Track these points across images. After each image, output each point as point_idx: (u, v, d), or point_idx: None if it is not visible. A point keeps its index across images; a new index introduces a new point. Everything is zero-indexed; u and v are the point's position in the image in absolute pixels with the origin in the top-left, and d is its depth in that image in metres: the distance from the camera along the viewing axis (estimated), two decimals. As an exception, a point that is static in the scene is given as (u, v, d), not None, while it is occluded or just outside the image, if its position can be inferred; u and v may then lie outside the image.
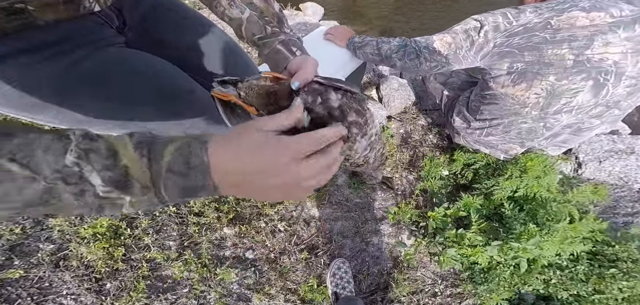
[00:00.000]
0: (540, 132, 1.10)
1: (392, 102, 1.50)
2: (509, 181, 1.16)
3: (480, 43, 0.96)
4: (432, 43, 1.01)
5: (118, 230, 0.92)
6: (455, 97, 1.36)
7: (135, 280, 0.84)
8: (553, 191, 1.13)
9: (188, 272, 0.90)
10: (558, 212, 1.06)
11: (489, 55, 0.98)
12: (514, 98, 1.02)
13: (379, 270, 1.13)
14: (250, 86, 0.45)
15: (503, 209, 1.13)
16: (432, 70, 1.06)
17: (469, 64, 1.02)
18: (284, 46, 0.50)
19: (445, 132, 1.54)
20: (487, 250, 1.06)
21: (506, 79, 0.99)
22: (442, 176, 1.35)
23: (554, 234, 0.99)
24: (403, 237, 1.25)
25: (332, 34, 1.20)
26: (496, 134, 1.17)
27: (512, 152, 1.22)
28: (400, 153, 1.42)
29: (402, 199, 1.33)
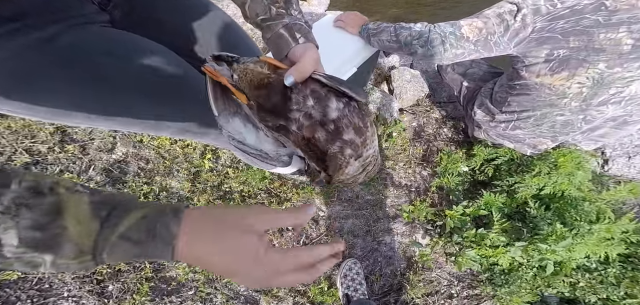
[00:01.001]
0: (577, 125, 0.98)
1: (405, 94, 1.39)
2: (536, 178, 1.05)
3: (516, 28, 0.85)
4: (459, 28, 0.90)
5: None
6: (476, 88, 1.24)
7: (138, 282, 0.79)
8: (584, 190, 1.04)
9: (193, 274, 0.84)
10: (590, 212, 0.96)
11: (525, 42, 0.87)
12: (551, 88, 0.91)
13: (392, 271, 1.04)
14: (244, 70, 0.40)
15: (527, 208, 1.04)
16: (457, 59, 0.95)
17: (501, 52, 0.91)
18: (287, 31, 0.43)
19: (460, 126, 1.42)
20: (510, 251, 0.97)
21: (543, 67, 0.88)
22: (460, 172, 1.24)
23: (589, 235, 0.90)
24: (418, 237, 1.15)
25: (343, 21, 1.09)
26: (525, 128, 1.06)
27: (542, 146, 1.11)
28: (413, 147, 1.32)
29: (417, 196, 1.23)
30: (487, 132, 1.20)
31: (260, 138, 0.44)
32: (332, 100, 0.39)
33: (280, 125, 0.40)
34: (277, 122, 0.40)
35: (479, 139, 1.28)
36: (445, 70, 1.32)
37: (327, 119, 0.38)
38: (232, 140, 0.41)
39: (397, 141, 1.30)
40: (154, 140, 1.01)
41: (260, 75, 0.40)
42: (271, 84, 0.39)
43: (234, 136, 0.41)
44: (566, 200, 1.02)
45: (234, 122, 0.42)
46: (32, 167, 0.84)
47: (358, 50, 1.06)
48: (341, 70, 0.99)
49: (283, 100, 0.39)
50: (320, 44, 0.47)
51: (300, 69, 0.39)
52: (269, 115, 0.40)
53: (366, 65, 1.14)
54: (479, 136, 1.27)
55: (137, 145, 1.00)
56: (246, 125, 0.43)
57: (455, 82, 1.31)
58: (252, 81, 0.40)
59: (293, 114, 0.39)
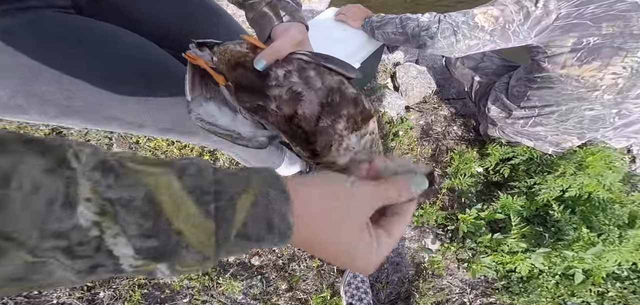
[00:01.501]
0: (609, 120, 0.89)
1: (411, 91, 1.31)
2: (560, 179, 0.95)
3: (538, 15, 0.77)
4: (473, 17, 0.83)
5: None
6: (490, 83, 1.15)
7: (130, 289, 0.75)
8: (615, 191, 0.94)
9: (188, 281, 0.79)
10: (622, 216, 0.87)
11: (548, 30, 0.78)
12: (580, 80, 0.82)
13: (399, 279, 0.96)
14: (224, 51, 0.39)
15: (550, 212, 0.94)
16: (470, 51, 0.87)
17: (520, 42, 0.83)
18: (271, 8, 0.40)
19: (471, 123, 1.32)
20: (531, 257, 0.88)
21: (570, 57, 0.80)
22: (473, 173, 1.14)
23: (622, 242, 0.82)
24: (427, 242, 1.06)
25: (344, 14, 1.03)
26: (547, 124, 0.97)
27: (566, 144, 1.01)
28: (421, 147, 1.23)
29: (426, 198, 1.14)
30: (502, 129, 1.11)
31: (238, 121, 0.40)
32: (317, 73, 0.35)
33: (258, 105, 0.36)
34: (255, 102, 0.37)
35: (492, 137, 1.19)
36: (455, 64, 1.23)
37: (312, 92, 0.34)
38: (201, 122, 0.38)
39: (403, 140, 1.21)
40: (151, 141, 0.98)
41: (238, 54, 0.38)
42: (248, 62, 0.37)
43: (203, 117, 0.38)
44: (593, 202, 0.92)
45: (208, 105, 0.40)
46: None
47: (361, 44, 1.00)
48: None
49: (260, 77, 0.36)
50: (321, 40, 0.44)
51: (273, 51, 0.35)
52: (246, 95, 0.38)
53: (370, 61, 1.07)
54: (493, 134, 1.18)
55: (134, 146, 0.97)
56: (221, 108, 0.40)
57: (465, 77, 1.22)
58: (230, 61, 0.38)
59: (271, 91, 0.36)
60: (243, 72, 0.37)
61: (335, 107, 0.34)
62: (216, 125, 0.39)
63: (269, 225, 0.20)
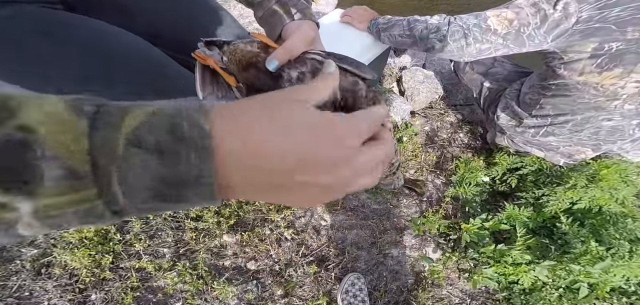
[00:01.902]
0: (629, 131, 0.83)
1: (417, 96, 1.25)
2: (570, 192, 0.90)
3: (556, 19, 0.71)
4: (485, 20, 0.78)
5: (107, 234, 0.81)
6: (500, 89, 1.09)
7: (123, 291, 0.72)
8: (628, 206, 0.89)
9: (182, 284, 0.77)
10: (634, 231, 0.83)
11: (567, 35, 0.73)
12: (599, 88, 0.76)
13: (398, 287, 0.93)
14: (234, 51, 0.37)
15: (557, 224, 0.90)
16: (481, 55, 0.82)
17: (535, 47, 0.78)
18: (281, 6, 0.39)
19: (478, 131, 1.26)
20: (535, 270, 0.85)
21: (589, 63, 0.74)
22: (478, 182, 1.08)
23: (634, 256, 0.79)
24: (428, 251, 1.02)
25: (350, 15, 0.99)
26: (560, 134, 0.91)
27: (579, 156, 0.96)
28: (425, 153, 1.18)
29: (428, 206, 1.09)
30: (511, 138, 1.06)
31: None
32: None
33: None
34: None
35: (500, 145, 1.13)
36: (463, 69, 1.17)
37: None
38: None
39: (407, 146, 1.16)
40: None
41: (249, 54, 0.36)
42: (260, 62, 0.35)
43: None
44: (604, 216, 0.87)
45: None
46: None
47: (366, 47, 0.95)
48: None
49: (272, 78, 0.35)
50: (325, 42, 0.41)
51: (286, 50, 0.33)
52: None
53: (375, 64, 1.02)
54: (501, 143, 1.13)
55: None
56: None
57: (474, 83, 1.16)
58: (241, 61, 0.36)
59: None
60: (255, 72, 0.35)
61: (349, 109, 0.31)
62: None
63: (172, 130, 0.15)
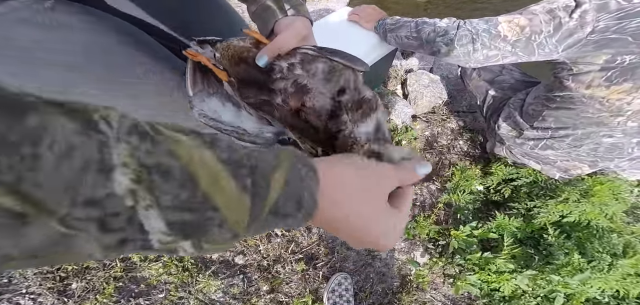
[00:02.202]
0: (628, 150, 0.82)
1: (420, 99, 1.20)
2: (561, 205, 0.91)
3: (571, 27, 0.67)
4: (496, 26, 0.73)
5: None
6: (504, 98, 1.05)
7: (105, 281, 0.70)
8: (616, 221, 0.90)
9: (167, 276, 0.75)
10: (617, 246, 0.85)
11: (580, 45, 0.69)
12: (604, 103, 0.73)
13: (383, 289, 0.93)
14: (227, 47, 0.38)
15: (545, 234, 0.91)
16: (488, 62, 0.78)
17: (544, 56, 0.74)
18: (275, 2, 0.39)
19: (478, 139, 1.22)
20: (516, 278, 0.86)
21: (598, 76, 0.71)
22: (473, 191, 1.07)
23: (611, 270, 0.80)
24: (416, 254, 1.02)
25: (357, 14, 0.94)
26: (559, 148, 0.89)
27: (575, 171, 0.95)
28: (422, 158, 1.14)
29: (421, 210, 1.08)
30: (510, 149, 1.03)
31: (242, 117, 0.38)
32: (319, 63, 0.34)
33: (263, 100, 0.36)
34: (259, 97, 0.36)
35: (499, 156, 1.11)
36: (470, 75, 1.11)
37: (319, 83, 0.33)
38: (204, 118, 0.36)
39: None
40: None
41: (241, 49, 0.36)
42: (251, 57, 0.36)
43: (206, 113, 0.36)
44: (591, 230, 0.89)
45: (211, 101, 0.38)
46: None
47: (371, 47, 0.91)
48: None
49: (264, 72, 0.35)
50: (329, 39, 0.43)
51: (275, 47, 0.34)
52: (250, 90, 0.37)
53: (379, 65, 0.96)
54: (499, 153, 1.10)
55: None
56: (225, 104, 0.38)
57: (479, 90, 1.12)
58: (233, 56, 0.37)
59: (276, 85, 0.35)
60: (246, 67, 0.36)
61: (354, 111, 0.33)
62: (220, 121, 0.36)
63: (298, 203, 0.19)
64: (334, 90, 0.33)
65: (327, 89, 0.33)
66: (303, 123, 0.34)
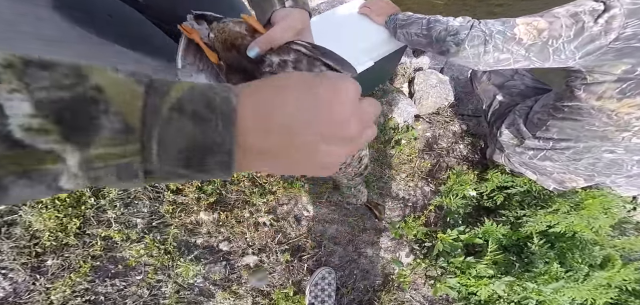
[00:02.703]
0: (627, 167, 0.79)
1: (425, 99, 1.12)
2: (551, 215, 0.90)
3: (594, 33, 0.62)
4: (512, 28, 0.67)
5: (81, 198, 0.73)
6: (511, 104, 1.00)
7: (82, 259, 0.67)
8: (601, 234, 0.90)
9: (148, 257, 0.72)
10: (597, 257, 0.86)
11: (600, 53, 0.63)
12: (612, 117, 0.70)
13: (365, 287, 0.92)
14: (222, 29, 0.36)
15: (529, 243, 0.91)
16: (499, 65, 0.72)
17: (558, 63, 0.68)
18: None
19: (479, 144, 1.17)
20: (494, 284, 0.87)
21: (612, 87, 0.66)
22: (466, 196, 1.03)
23: (586, 280, 0.82)
24: (401, 254, 1.00)
25: (369, 7, 0.87)
26: (558, 160, 0.87)
27: (571, 184, 0.93)
28: (420, 160, 1.09)
29: (412, 211, 1.05)
30: (508, 157, 1.00)
31: None
32: (312, 67, 0.34)
33: None
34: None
35: (497, 163, 1.08)
36: (480, 78, 1.04)
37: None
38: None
39: (404, 150, 1.07)
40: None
41: (235, 35, 0.35)
42: (244, 45, 0.34)
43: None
44: (575, 241, 0.89)
45: (198, 77, 0.37)
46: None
47: (379, 42, 0.85)
48: (353, 63, 0.77)
49: (253, 63, 0.35)
50: (338, 31, 0.44)
51: (268, 39, 0.33)
52: (237, 77, 0.36)
53: (386, 62, 0.89)
54: (497, 160, 1.07)
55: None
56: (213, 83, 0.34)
57: (487, 94, 1.05)
58: (226, 41, 0.36)
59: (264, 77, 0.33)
60: (236, 55, 0.35)
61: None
62: None
63: (209, 105, 0.17)
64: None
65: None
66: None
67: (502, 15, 0.77)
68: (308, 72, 0.28)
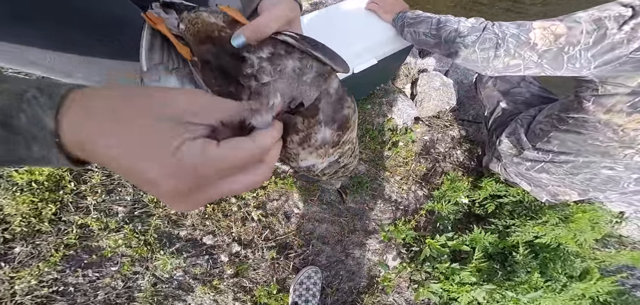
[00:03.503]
0: (623, 184, 0.75)
1: (427, 102, 1.05)
2: (539, 226, 0.88)
3: (616, 41, 0.56)
4: (527, 32, 0.61)
5: (61, 181, 0.66)
6: (514, 112, 0.94)
7: (54, 247, 0.61)
8: (585, 248, 0.90)
9: (126, 248, 0.67)
10: (576, 269, 0.85)
11: (618, 63, 0.58)
12: (618, 132, 0.65)
13: (350, 288, 0.90)
14: (194, 20, 0.30)
15: (514, 252, 0.89)
16: (508, 71, 0.67)
17: (573, 72, 0.63)
18: None
19: (476, 151, 1.11)
20: (476, 291, 0.85)
21: (623, 100, 0.61)
22: (458, 202, 0.99)
23: (563, 291, 0.81)
24: (388, 257, 0.97)
25: (376, 3, 0.80)
26: (555, 173, 0.82)
27: (564, 197, 0.89)
28: (416, 163, 1.03)
29: (403, 214, 1.00)
30: (505, 167, 0.95)
31: None
32: (292, 60, 0.29)
33: (229, 92, 0.29)
34: (226, 88, 0.30)
35: (492, 171, 1.05)
36: (485, 83, 0.97)
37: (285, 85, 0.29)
38: None
39: (401, 152, 1.01)
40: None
41: (211, 26, 0.30)
42: (222, 38, 0.29)
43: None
44: (558, 252, 0.88)
45: (167, 80, 0.31)
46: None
47: (385, 40, 0.78)
48: (356, 60, 0.74)
49: (234, 60, 0.29)
50: (341, 25, 0.40)
51: (255, 28, 0.28)
52: (216, 78, 0.30)
53: (390, 61, 0.82)
54: (493, 169, 1.04)
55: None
56: (185, 86, 0.32)
57: (490, 100, 0.99)
58: (199, 32, 0.30)
59: (246, 81, 0.29)
60: (212, 49, 0.30)
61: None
62: None
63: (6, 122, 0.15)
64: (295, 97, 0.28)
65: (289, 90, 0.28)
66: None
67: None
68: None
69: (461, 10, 1.79)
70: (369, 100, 1.08)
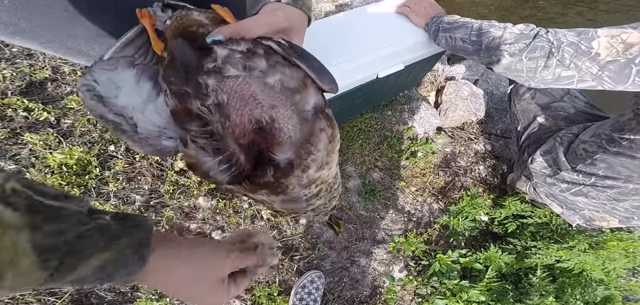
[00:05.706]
0: None
1: (452, 112, 0.90)
2: (564, 251, 0.75)
3: None
4: (590, 40, 0.49)
5: (88, 166, 0.64)
6: (553, 129, 0.79)
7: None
8: (611, 277, 0.76)
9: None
10: (597, 296, 0.72)
11: None
12: None
13: (352, 296, 0.85)
14: (181, 16, 0.28)
15: (531, 274, 0.77)
16: (558, 83, 0.54)
17: (636, 87, 0.49)
18: None
19: (501, 168, 0.94)
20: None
21: None
22: (476, 219, 0.84)
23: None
24: (395, 269, 0.87)
25: (409, 7, 0.69)
26: (595, 198, 0.68)
27: (601, 223, 0.74)
28: (434, 175, 0.90)
29: (415, 227, 0.88)
30: (535, 186, 0.81)
31: (151, 108, 0.28)
32: (277, 69, 0.25)
33: (184, 91, 0.26)
34: (182, 86, 0.26)
35: (519, 190, 0.91)
36: (522, 95, 0.80)
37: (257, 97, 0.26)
38: (88, 93, 0.25)
39: (419, 163, 0.88)
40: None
41: (191, 22, 0.27)
42: (195, 33, 0.27)
43: (96, 87, 0.25)
44: (580, 279, 0.75)
45: (122, 73, 0.27)
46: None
47: (414, 46, 0.67)
48: (382, 64, 0.64)
49: (198, 54, 0.26)
50: (367, 27, 0.35)
51: (236, 28, 0.26)
52: (176, 74, 0.26)
53: (418, 67, 0.71)
54: (520, 188, 0.91)
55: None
56: (139, 84, 0.28)
57: (526, 114, 0.83)
58: (177, 28, 0.27)
59: (203, 78, 0.25)
60: (181, 43, 0.26)
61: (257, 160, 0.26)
62: (110, 102, 0.26)
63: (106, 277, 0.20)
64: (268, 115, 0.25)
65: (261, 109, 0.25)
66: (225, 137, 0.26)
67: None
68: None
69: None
70: (389, 105, 0.95)
